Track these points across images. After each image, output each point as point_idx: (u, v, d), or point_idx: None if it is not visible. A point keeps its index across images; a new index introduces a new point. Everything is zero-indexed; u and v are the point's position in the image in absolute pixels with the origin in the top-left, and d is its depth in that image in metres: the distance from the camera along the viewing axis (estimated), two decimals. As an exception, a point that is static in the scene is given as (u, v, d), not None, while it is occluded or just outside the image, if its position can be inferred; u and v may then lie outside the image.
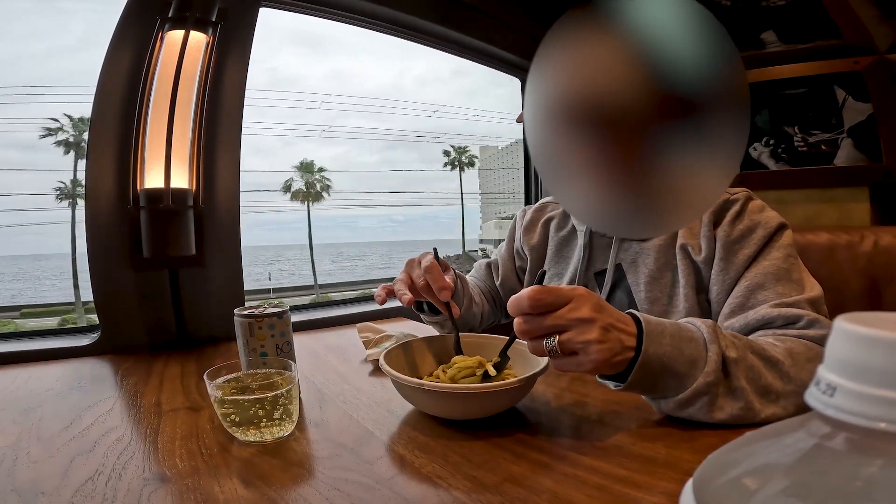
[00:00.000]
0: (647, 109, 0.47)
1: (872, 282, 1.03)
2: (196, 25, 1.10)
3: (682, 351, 0.58)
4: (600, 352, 0.54)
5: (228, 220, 1.23)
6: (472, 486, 0.50)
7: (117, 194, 1.11)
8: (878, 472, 0.16)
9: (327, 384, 0.83)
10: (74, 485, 0.51)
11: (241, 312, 0.74)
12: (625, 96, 0.48)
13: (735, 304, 0.76)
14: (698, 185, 0.52)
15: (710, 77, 0.46)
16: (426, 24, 1.52)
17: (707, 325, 0.61)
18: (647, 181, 0.51)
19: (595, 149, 0.52)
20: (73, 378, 0.91)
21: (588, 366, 0.55)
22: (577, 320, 0.55)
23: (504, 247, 1.16)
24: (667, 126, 0.48)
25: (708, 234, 0.82)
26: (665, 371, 0.58)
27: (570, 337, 0.55)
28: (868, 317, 0.18)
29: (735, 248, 0.79)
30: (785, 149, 1.89)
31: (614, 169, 0.52)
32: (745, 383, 0.59)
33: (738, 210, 0.81)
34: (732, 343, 0.60)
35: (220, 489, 0.50)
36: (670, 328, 0.59)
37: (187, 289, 1.19)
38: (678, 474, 0.50)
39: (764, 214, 0.81)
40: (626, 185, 0.53)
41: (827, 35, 1.72)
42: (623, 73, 0.48)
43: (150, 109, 1.10)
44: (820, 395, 0.18)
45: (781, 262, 0.76)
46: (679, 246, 0.84)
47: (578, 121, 0.51)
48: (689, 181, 0.51)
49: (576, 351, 0.55)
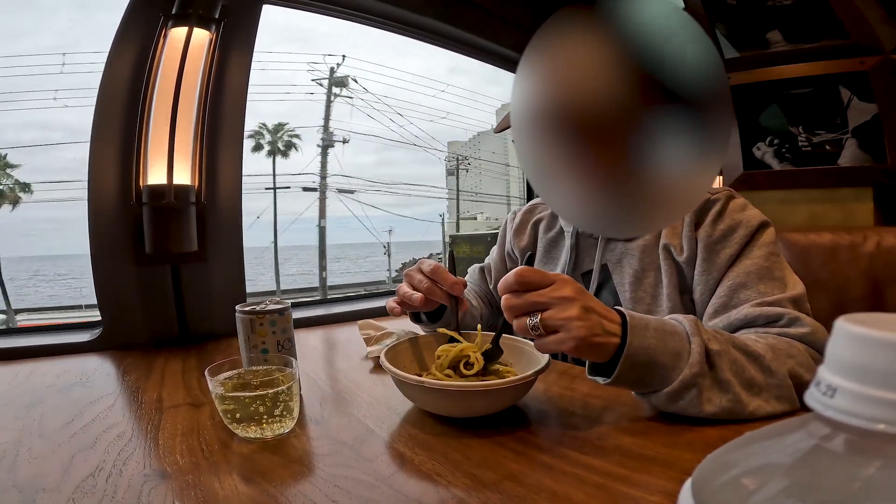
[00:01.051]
0: (635, 110, 0.48)
1: (874, 282, 1.02)
2: (199, 22, 1.10)
3: (665, 343, 0.59)
4: (580, 329, 0.56)
5: (230, 217, 1.24)
6: (471, 483, 0.50)
7: (120, 190, 1.11)
8: (877, 473, 0.16)
9: (328, 381, 0.83)
10: (75, 481, 0.51)
11: (243, 309, 0.74)
12: (613, 98, 0.48)
13: (718, 303, 0.77)
14: (682, 185, 0.53)
15: (695, 78, 0.48)
16: (426, 21, 1.52)
17: (689, 319, 0.62)
18: (634, 181, 0.52)
19: (582, 150, 0.52)
20: (75, 374, 0.91)
21: (569, 343, 0.56)
22: (559, 298, 0.57)
23: (496, 250, 1.16)
24: (652, 126, 0.49)
25: (689, 235, 0.82)
26: (650, 363, 0.59)
27: (551, 314, 0.57)
28: (869, 318, 0.18)
29: (717, 249, 0.79)
30: (789, 148, 1.89)
31: (601, 170, 0.53)
32: (730, 375, 0.59)
33: (718, 210, 0.82)
34: (714, 337, 0.61)
35: (220, 486, 0.50)
36: (654, 322, 0.61)
37: (189, 285, 1.19)
38: (677, 473, 0.50)
39: (745, 213, 0.81)
40: (612, 185, 0.54)
41: (832, 35, 1.71)
42: (611, 74, 0.49)
43: (153, 106, 1.10)
44: (820, 397, 0.18)
45: (763, 260, 0.77)
46: (662, 246, 0.85)
47: (566, 122, 0.51)
48: (673, 181, 0.52)
49: (557, 329, 0.57)
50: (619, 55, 0.49)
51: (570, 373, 0.82)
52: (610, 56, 0.49)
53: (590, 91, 0.49)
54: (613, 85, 0.48)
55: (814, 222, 1.82)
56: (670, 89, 0.48)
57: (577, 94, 0.50)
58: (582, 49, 0.51)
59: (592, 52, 0.50)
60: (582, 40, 0.51)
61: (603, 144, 0.51)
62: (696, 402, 0.59)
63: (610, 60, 0.49)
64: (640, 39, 0.49)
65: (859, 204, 1.79)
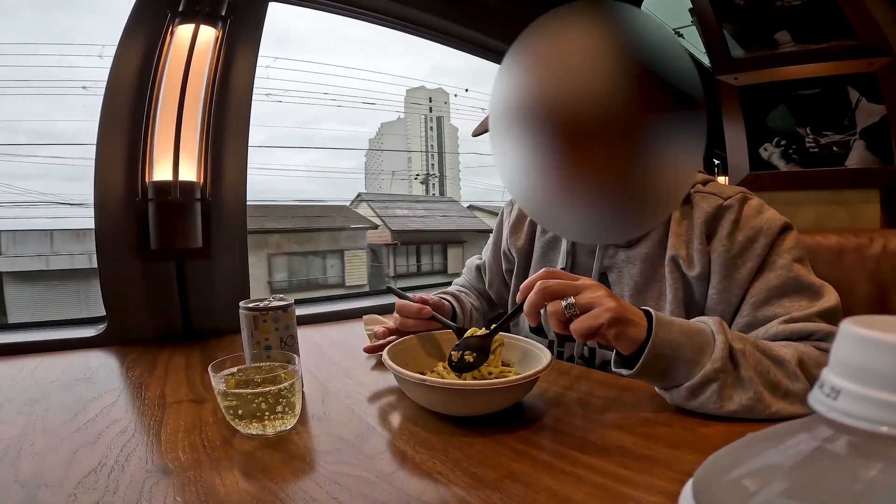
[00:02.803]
0: (635, 113, 0.48)
1: (880, 285, 1.02)
2: (206, 19, 1.11)
3: (690, 338, 0.61)
4: (612, 303, 0.60)
5: (235, 213, 1.24)
6: (472, 482, 0.50)
7: (126, 186, 1.12)
8: (878, 475, 0.16)
9: (330, 378, 0.84)
10: (77, 476, 0.52)
11: (246, 305, 0.74)
12: (616, 99, 0.48)
13: (743, 323, 0.73)
14: (670, 183, 0.54)
15: (688, 84, 0.49)
16: (432, 19, 1.52)
17: (714, 319, 0.64)
18: (626, 185, 0.53)
19: (572, 152, 0.52)
20: (79, 369, 0.91)
21: (605, 316, 0.59)
22: (589, 285, 0.62)
23: (490, 248, 1.11)
24: (652, 130, 0.49)
25: (701, 249, 0.76)
26: (675, 357, 0.60)
27: (583, 295, 0.61)
28: (874, 320, 0.18)
29: (737, 264, 0.74)
30: (796, 150, 1.88)
31: (590, 175, 0.53)
32: (753, 374, 0.60)
33: (734, 219, 0.75)
34: (739, 338, 0.62)
35: (221, 482, 0.51)
36: (678, 320, 0.63)
37: (193, 281, 1.19)
38: (678, 474, 0.49)
39: (763, 217, 0.75)
40: (603, 189, 0.54)
41: (841, 35, 1.70)
42: (615, 72, 0.48)
43: (160, 102, 1.11)
44: (823, 398, 0.18)
45: (787, 270, 0.71)
46: (669, 258, 0.79)
47: (556, 121, 0.50)
48: (662, 180, 0.53)
49: (590, 306, 0.60)
50: (624, 54, 0.48)
51: (571, 373, 0.82)
52: (616, 53, 0.48)
53: (588, 89, 0.48)
54: (617, 84, 0.47)
55: (820, 224, 1.81)
56: (670, 94, 0.48)
57: (573, 90, 0.48)
58: (584, 41, 0.49)
59: (596, 47, 0.49)
60: (585, 32, 0.49)
61: (599, 146, 0.50)
62: (717, 397, 0.59)
63: (616, 58, 0.48)
64: (645, 42, 0.49)
65: (866, 206, 1.78)
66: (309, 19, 21.70)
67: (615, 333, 0.60)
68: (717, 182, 0.83)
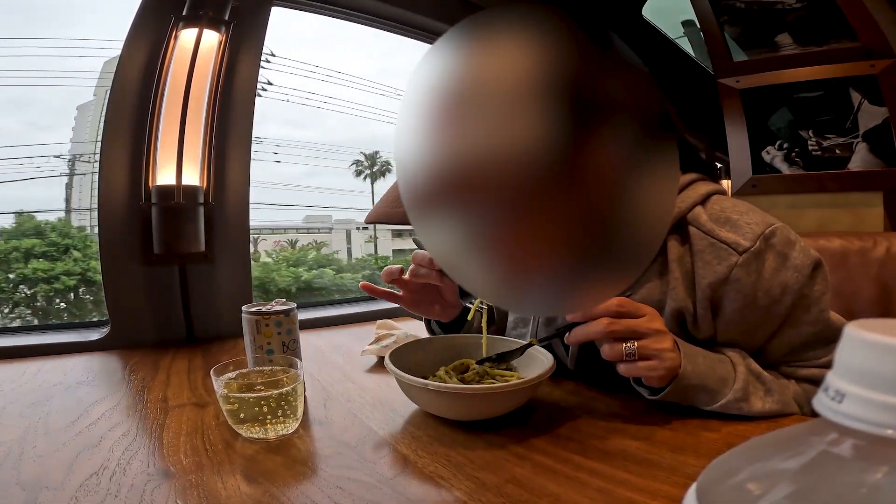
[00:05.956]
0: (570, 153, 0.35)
1: (884, 288, 1.01)
2: (209, 24, 1.11)
3: (714, 370, 0.62)
4: (673, 360, 0.60)
5: (238, 218, 1.25)
6: (474, 486, 0.50)
7: (130, 190, 1.12)
8: (883, 478, 0.16)
9: (332, 382, 0.83)
10: (79, 480, 0.52)
11: (249, 309, 0.74)
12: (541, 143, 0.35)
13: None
14: (646, 226, 0.41)
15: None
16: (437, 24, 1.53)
17: (734, 350, 0.66)
18: (588, 237, 0.40)
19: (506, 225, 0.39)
20: (81, 372, 0.91)
21: (660, 371, 0.60)
22: (655, 330, 0.60)
23: None
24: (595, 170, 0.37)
25: (708, 318, 0.66)
26: (699, 387, 0.62)
27: (647, 343, 0.60)
28: (879, 323, 0.18)
29: (755, 333, 0.66)
30: (798, 153, 1.87)
31: (542, 242, 0.40)
32: (775, 387, 0.64)
33: (753, 281, 0.62)
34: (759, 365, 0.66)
35: (222, 486, 0.50)
36: (702, 351, 0.64)
37: (196, 285, 1.20)
38: (681, 479, 0.49)
39: (789, 267, 0.62)
40: (557, 255, 0.41)
41: (842, 38, 1.70)
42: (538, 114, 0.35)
43: (163, 107, 1.11)
44: (828, 402, 0.18)
45: (812, 326, 0.64)
46: (672, 310, 0.67)
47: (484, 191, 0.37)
48: (638, 223, 0.40)
49: (650, 357, 0.60)
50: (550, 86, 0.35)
51: (573, 377, 0.82)
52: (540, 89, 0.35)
53: (511, 139, 0.35)
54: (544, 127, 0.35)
55: (823, 227, 1.80)
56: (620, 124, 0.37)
57: (492, 146, 0.36)
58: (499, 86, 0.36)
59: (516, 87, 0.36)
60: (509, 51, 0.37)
61: (537, 207, 0.38)
62: (737, 411, 0.62)
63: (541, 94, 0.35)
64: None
65: (869, 209, 1.77)
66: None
67: (657, 377, 0.61)
68: (721, 198, 0.69)
